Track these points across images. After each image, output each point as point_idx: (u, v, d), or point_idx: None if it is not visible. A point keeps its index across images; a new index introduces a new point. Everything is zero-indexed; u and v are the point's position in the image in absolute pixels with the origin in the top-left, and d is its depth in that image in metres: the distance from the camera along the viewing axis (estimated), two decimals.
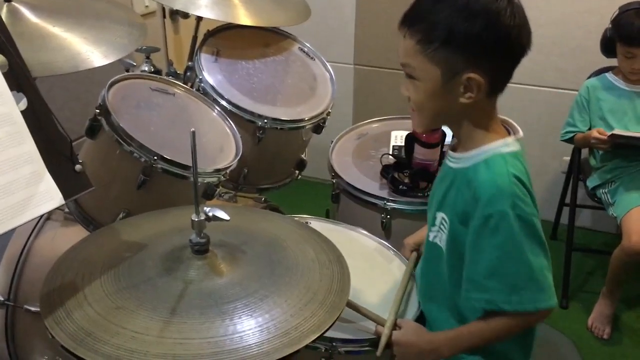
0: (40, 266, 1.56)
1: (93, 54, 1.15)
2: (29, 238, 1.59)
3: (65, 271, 0.98)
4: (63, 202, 0.93)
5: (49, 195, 0.92)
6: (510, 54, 1.07)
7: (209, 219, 0.97)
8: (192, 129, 0.91)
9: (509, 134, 1.15)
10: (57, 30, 1.17)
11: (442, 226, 1.19)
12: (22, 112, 0.91)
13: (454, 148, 1.21)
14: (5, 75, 0.91)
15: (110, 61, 1.16)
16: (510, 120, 1.18)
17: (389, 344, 1.18)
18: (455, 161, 1.18)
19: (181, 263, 0.98)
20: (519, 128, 1.16)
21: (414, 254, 1.44)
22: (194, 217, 0.97)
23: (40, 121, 0.93)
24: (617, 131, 2.13)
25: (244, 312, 0.90)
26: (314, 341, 0.88)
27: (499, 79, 1.09)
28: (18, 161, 0.89)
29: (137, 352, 0.82)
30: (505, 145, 1.11)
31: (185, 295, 0.92)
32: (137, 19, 1.34)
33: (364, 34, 2.98)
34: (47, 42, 1.13)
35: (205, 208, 0.98)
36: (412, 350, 1.17)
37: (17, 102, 0.91)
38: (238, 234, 1.08)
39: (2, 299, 1.54)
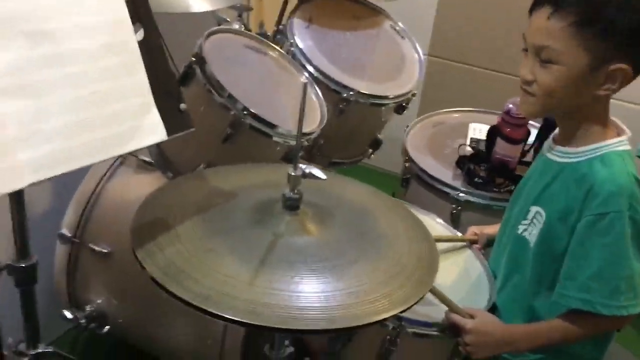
0: (109, 208, 1.58)
1: None
2: (101, 180, 1.61)
3: (156, 209, 0.98)
4: (166, 137, 0.93)
5: (153, 129, 0.92)
6: None
7: (305, 175, 0.96)
8: (305, 80, 0.89)
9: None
10: None
11: (535, 220, 1.16)
12: (138, 42, 0.91)
13: (556, 141, 1.17)
14: (126, 3, 0.90)
15: (219, 7, 1.16)
16: (616, 119, 1.14)
17: (461, 331, 1.14)
18: (563, 155, 1.14)
19: (272, 216, 0.96)
20: (624, 127, 1.12)
21: (475, 236, 1.43)
22: (291, 172, 0.95)
23: (153, 54, 0.93)
24: None
25: (332, 273, 0.89)
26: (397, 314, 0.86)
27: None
28: (130, 91, 0.89)
29: (228, 295, 0.81)
30: (620, 143, 1.08)
31: (275, 248, 0.91)
32: None
33: (443, 26, 2.91)
34: None
35: (301, 165, 0.97)
36: (488, 341, 1.14)
37: (135, 32, 0.91)
38: (328, 197, 1.06)
39: (69, 235, 1.57)
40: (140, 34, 0.92)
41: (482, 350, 1.15)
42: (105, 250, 1.52)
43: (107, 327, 1.59)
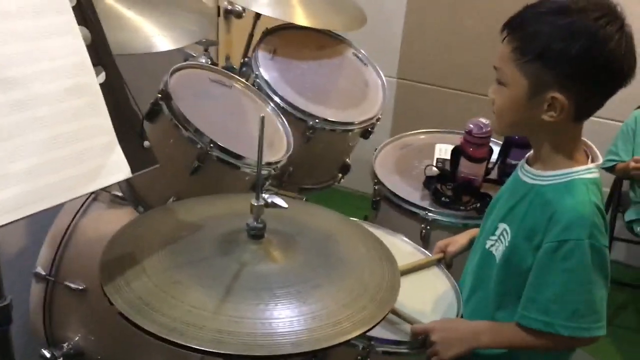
0: (83, 245, 1.59)
1: (165, 37, 1.19)
2: (74, 216, 1.62)
3: (124, 243, 1.01)
4: (130, 175, 0.95)
5: (118, 167, 0.94)
6: (607, 83, 1.05)
7: (267, 205, 0.99)
8: (262, 115, 0.93)
9: (588, 156, 1.14)
10: (131, 13, 1.21)
11: (502, 237, 1.19)
12: (101, 84, 0.94)
13: (529, 162, 1.20)
14: (87, 48, 0.94)
15: (181, 46, 1.20)
16: (591, 144, 1.17)
17: (427, 334, 1.17)
18: (532, 177, 1.17)
19: (237, 246, 1.00)
20: (598, 153, 1.15)
21: (440, 254, 1.46)
22: (254, 202, 0.98)
23: (115, 95, 0.96)
24: None
25: (296, 298, 0.92)
26: (361, 335, 0.89)
27: (587, 106, 1.07)
28: (93, 131, 0.92)
29: (194, 325, 0.84)
30: (588, 171, 1.10)
31: (240, 277, 0.94)
32: (207, 8, 1.37)
33: (409, 48, 3.00)
34: (122, 23, 1.17)
35: (264, 194, 1.00)
36: (453, 336, 1.17)
37: (97, 74, 0.94)
38: (292, 224, 1.09)
39: (44, 273, 1.57)
40: (102, 76, 0.95)
41: (450, 346, 1.15)
42: (81, 287, 1.53)
43: None
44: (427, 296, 1.35)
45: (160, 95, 1.32)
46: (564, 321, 1.08)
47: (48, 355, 1.56)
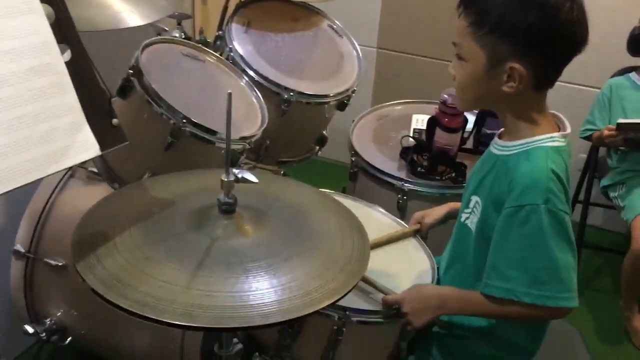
0: (61, 221, 1.60)
1: (133, 13, 1.18)
2: (52, 193, 1.63)
3: (97, 221, 1.01)
4: (99, 153, 0.95)
5: (86, 146, 0.94)
6: (561, 50, 1.07)
7: (237, 180, 1.00)
8: (229, 91, 0.93)
9: (558, 128, 1.15)
10: None
11: (474, 209, 1.21)
12: (66, 63, 0.94)
13: (500, 135, 1.22)
14: (51, 26, 0.93)
15: (150, 21, 1.19)
16: (561, 116, 1.19)
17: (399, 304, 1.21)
18: (499, 148, 1.19)
19: (208, 221, 1.01)
20: (567, 124, 1.16)
21: (417, 225, 1.48)
22: (224, 177, 0.99)
23: (82, 73, 0.95)
24: (622, 120, 2.12)
25: (267, 271, 0.93)
26: (330, 305, 0.91)
27: (545, 74, 1.09)
28: (60, 110, 0.92)
29: (165, 300, 0.85)
30: (551, 139, 1.12)
31: (212, 251, 0.95)
32: None
33: (389, 18, 2.98)
34: None
35: (234, 170, 1.01)
36: (422, 305, 1.20)
37: (62, 53, 0.94)
38: (264, 199, 1.10)
39: (23, 250, 1.58)
40: (68, 54, 0.94)
41: (420, 314, 1.19)
42: (60, 263, 1.54)
43: (69, 338, 1.61)
44: (403, 267, 1.38)
45: (131, 71, 1.32)
46: (525, 288, 1.08)
47: (31, 331, 1.58)
